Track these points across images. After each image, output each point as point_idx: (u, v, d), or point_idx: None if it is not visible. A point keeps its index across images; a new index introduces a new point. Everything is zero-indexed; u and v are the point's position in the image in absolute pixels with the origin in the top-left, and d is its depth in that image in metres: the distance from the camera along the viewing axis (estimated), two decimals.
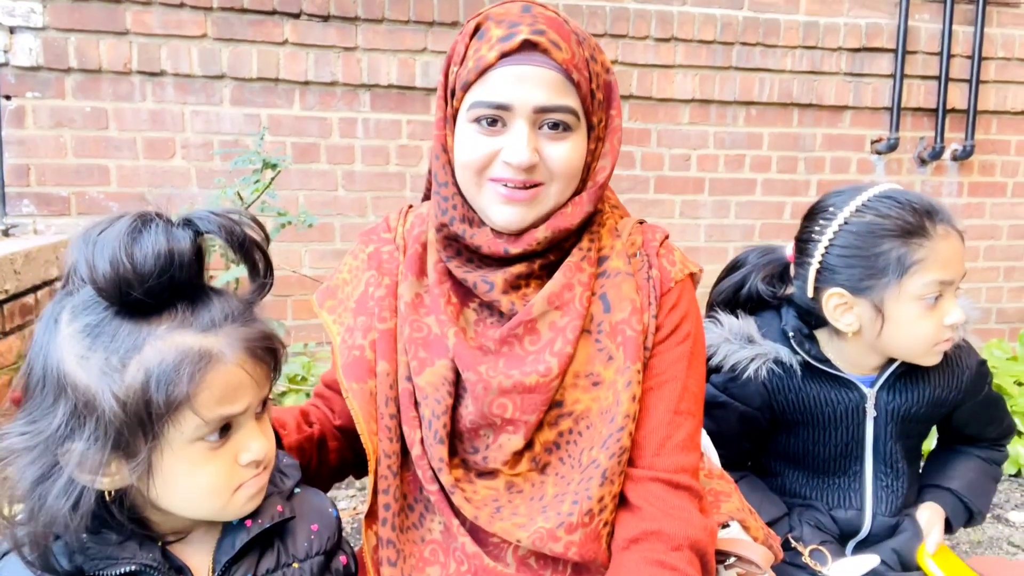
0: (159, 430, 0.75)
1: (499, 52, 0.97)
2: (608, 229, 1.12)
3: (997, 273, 3.94)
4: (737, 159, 3.60)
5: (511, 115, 0.98)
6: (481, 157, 1.00)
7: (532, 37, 0.97)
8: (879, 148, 3.70)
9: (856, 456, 1.40)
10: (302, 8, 3.04)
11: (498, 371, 1.02)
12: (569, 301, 1.03)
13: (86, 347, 0.75)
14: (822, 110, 3.64)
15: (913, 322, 1.29)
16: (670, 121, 3.50)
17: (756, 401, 1.38)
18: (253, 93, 3.09)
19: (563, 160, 1.00)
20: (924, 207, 1.29)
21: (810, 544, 1.35)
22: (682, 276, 1.10)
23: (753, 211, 3.66)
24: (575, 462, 1.03)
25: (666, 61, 3.41)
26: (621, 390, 1.01)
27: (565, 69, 0.98)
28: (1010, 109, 3.79)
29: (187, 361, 0.75)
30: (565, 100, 0.99)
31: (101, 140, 2.99)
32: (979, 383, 1.42)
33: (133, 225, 0.75)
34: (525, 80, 0.97)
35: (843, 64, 3.58)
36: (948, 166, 3.80)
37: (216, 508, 0.83)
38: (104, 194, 3.02)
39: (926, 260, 1.26)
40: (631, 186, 3.49)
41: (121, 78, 2.97)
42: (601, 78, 1.05)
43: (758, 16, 3.47)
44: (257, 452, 0.82)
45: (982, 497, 1.48)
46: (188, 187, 3.08)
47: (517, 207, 1.01)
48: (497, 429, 1.03)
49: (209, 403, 0.77)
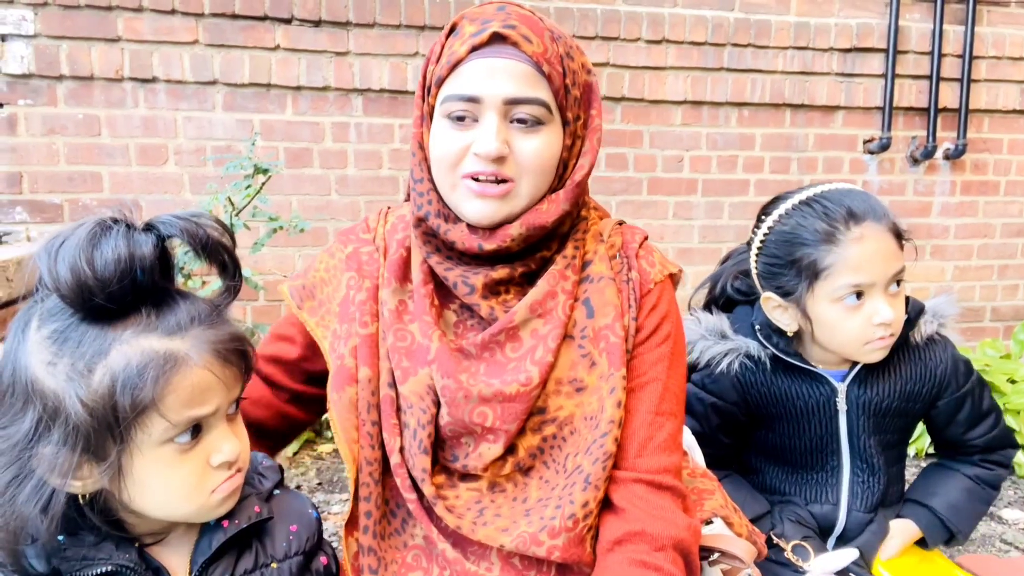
0: (127, 434, 0.76)
1: (470, 46, 0.99)
2: (593, 235, 1.12)
3: (991, 271, 3.95)
4: (730, 160, 3.61)
5: (481, 108, 0.99)
6: (453, 152, 1.01)
7: (502, 30, 0.98)
8: (871, 148, 3.71)
9: (832, 451, 1.41)
10: (293, 13, 3.05)
11: (478, 379, 1.02)
12: (551, 309, 1.04)
13: (53, 353, 0.76)
14: (814, 110, 3.65)
15: (838, 323, 1.31)
16: (662, 123, 3.51)
17: (731, 396, 1.40)
18: (245, 99, 3.10)
19: (534, 154, 1.00)
20: (842, 212, 1.29)
21: (792, 540, 1.35)
22: (661, 277, 1.11)
23: (747, 212, 3.66)
24: (559, 467, 1.03)
25: (658, 63, 3.41)
26: (606, 396, 1.01)
27: (536, 61, 0.99)
28: (1001, 108, 3.80)
29: (152, 365, 0.75)
30: (536, 92, 0.99)
31: (93, 147, 3.00)
32: (955, 378, 1.42)
33: (93, 232, 0.76)
34: (495, 72, 0.98)
35: (834, 64, 3.59)
36: (940, 165, 3.80)
37: (190, 510, 0.83)
38: (97, 201, 3.03)
39: (835, 265, 1.28)
40: (624, 188, 3.49)
41: (113, 85, 2.98)
42: (579, 76, 1.05)
43: (749, 17, 3.48)
44: (229, 453, 0.83)
45: (964, 518, 1.46)
46: (181, 193, 3.09)
47: (488, 201, 1.00)
48: (478, 437, 1.03)
49: (176, 406, 0.77)
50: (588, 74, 1.08)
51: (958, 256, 3.89)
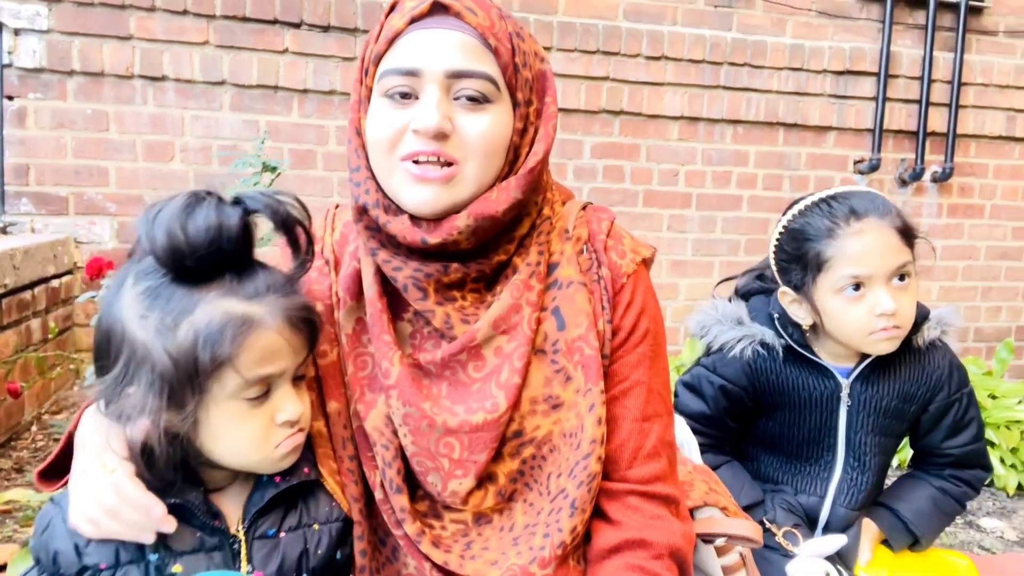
0: (205, 385, 0.84)
1: (408, 18, 0.91)
2: (558, 232, 1.03)
3: (975, 293, 4.04)
4: (724, 175, 3.69)
5: (421, 82, 0.91)
6: (391, 132, 0.92)
7: (444, 0, 0.91)
8: (861, 168, 3.81)
9: (829, 445, 1.47)
10: (303, 18, 3.11)
11: (442, 406, 0.96)
12: (516, 324, 0.96)
13: (145, 307, 0.85)
14: (807, 130, 3.74)
15: (841, 314, 1.39)
16: (659, 137, 3.59)
17: (741, 380, 1.46)
18: (252, 100, 3.16)
19: (481, 133, 0.91)
20: (845, 209, 1.39)
21: (783, 526, 1.41)
22: (633, 268, 1.03)
23: (739, 226, 3.75)
24: (543, 488, 0.99)
25: (656, 79, 3.50)
26: (585, 413, 0.97)
27: (481, 33, 0.91)
28: (988, 133, 3.91)
29: (231, 324, 0.83)
30: (481, 66, 0.91)
31: (101, 142, 3.04)
32: (950, 384, 1.49)
33: (188, 201, 0.84)
34: (436, 43, 0.90)
35: (827, 86, 3.69)
36: (928, 187, 3.91)
37: (256, 460, 0.91)
38: (103, 195, 3.07)
39: (835, 257, 1.37)
40: (620, 199, 3.57)
41: (123, 82, 3.03)
42: (530, 60, 0.97)
43: (746, 38, 3.57)
44: (291, 413, 0.90)
45: (927, 524, 1.51)
46: (186, 189, 3.13)
47: (430, 186, 0.91)
48: (445, 474, 0.97)
49: (248, 363, 0.85)
50: (541, 62, 1.00)
51: (943, 277, 3.99)
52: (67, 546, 0.85)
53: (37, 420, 2.62)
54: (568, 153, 3.49)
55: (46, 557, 0.87)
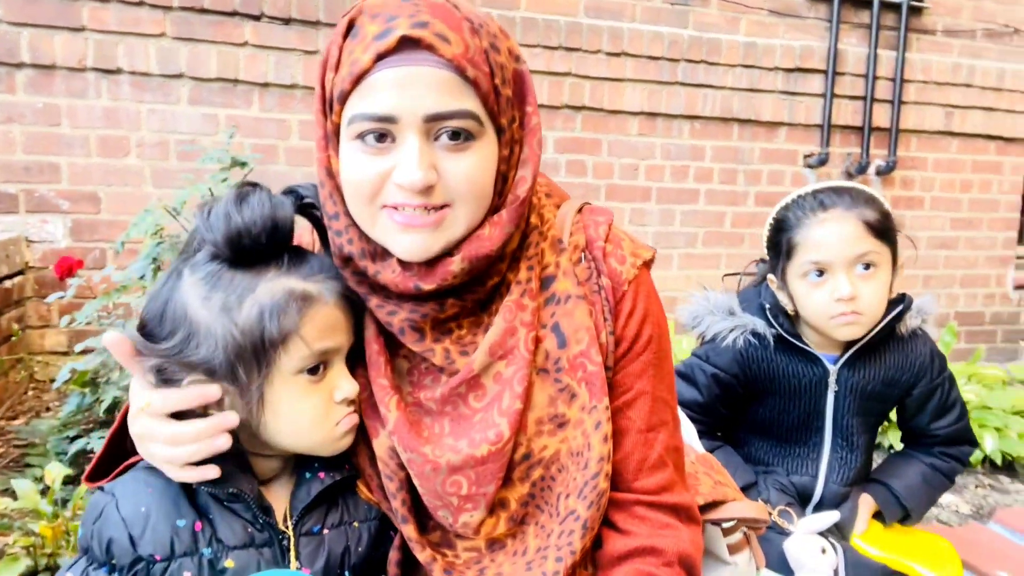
0: (271, 357, 0.86)
1: (375, 53, 0.82)
2: (551, 243, 0.98)
3: (916, 281, 4.23)
4: (682, 170, 3.78)
5: (398, 127, 0.83)
6: (370, 181, 0.85)
7: (412, 32, 0.81)
8: (811, 162, 3.94)
9: (816, 428, 1.54)
10: (263, 10, 3.06)
11: (444, 447, 0.93)
12: (513, 348, 0.93)
13: (208, 290, 0.88)
14: (759, 125, 3.86)
15: (806, 298, 1.49)
16: (620, 132, 3.65)
17: (733, 368, 1.52)
18: (211, 93, 3.09)
19: (467, 176, 0.86)
20: (815, 201, 1.49)
21: (777, 506, 1.47)
22: (634, 273, 0.99)
23: (696, 219, 3.84)
24: (553, 510, 0.97)
25: (617, 74, 3.56)
26: (591, 432, 0.94)
27: (457, 66, 0.83)
28: (928, 128, 4.10)
29: (294, 298, 0.87)
30: (461, 103, 0.84)
31: (53, 137, 2.94)
32: (931, 369, 1.57)
33: (238, 193, 0.88)
34: (409, 84, 0.82)
35: (779, 83, 3.81)
36: (872, 180, 4.07)
37: (316, 440, 0.92)
38: (55, 192, 2.96)
39: (799, 244, 1.48)
40: (583, 193, 3.61)
41: (75, 74, 2.92)
42: (508, 70, 0.89)
43: (702, 35, 3.66)
44: (348, 391, 0.92)
45: (918, 499, 1.61)
46: (143, 186, 3.05)
47: (419, 233, 0.86)
48: (455, 510, 0.94)
49: (312, 335, 0.88)
50: (517, 62, 0.92)
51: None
52: (121, 534, 0.85)
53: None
54: None
55: (99, 546, 0.86)
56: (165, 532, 0.86)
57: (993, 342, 4.46)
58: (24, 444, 2.37)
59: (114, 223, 3.01)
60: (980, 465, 2.81)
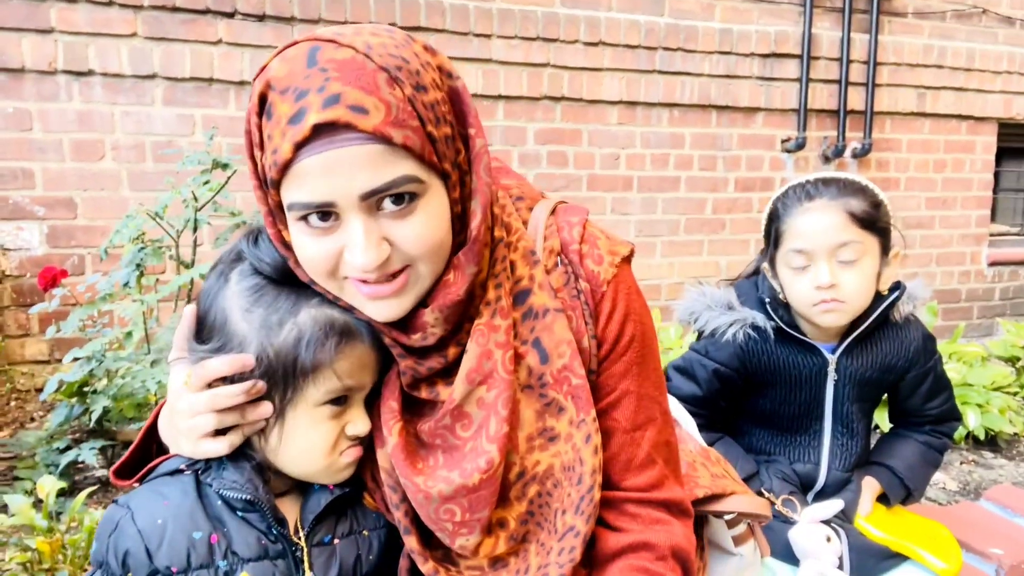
0: (300, 384, 0.88)
1: (292, 143, 0.77)
2: (522, 254, 0.96)
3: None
4: (662, 158, 3.79)
5: (337, 209, 0.81)
6: (324, 262, 0.84)
7: (325, 116, 0.76)
8: (788, 147, 3.98)
9: (816, 416, 1.56)
10: (237, 7, 3.01)
11: (437, 477, 0.93)
12: (491, 371, 0.92)
13: (251, 302, 0.89)
14: (737, 111, 3.88)
15: (790, 285, 1.52)
16: (599, 122, 3.65)
17: (733, 363, 1.53)
18: (186, 93, 3.04)
19: (418, 239, 0.83)
20: (803, 192, 1.51)
21: (780, 495, 1.49)
22: (612, 273, 0.98)
23: (678, 207, 3.86)
24: (552, 527, 0.98)
25: (595, 64, 3.56)
26: (581, 446, 0.95)
27: (382, 136, 0.77)
28: (901, 110, 4.15)
29: (334, 331, 0.87)
30: (395, 171, 0.79)
31: (24, 142, 2.87)
32: (924, 354, 1.60)
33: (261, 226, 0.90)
34: (335, 168, 0.77)
35: (755, 69, 3.84)
36: (849, 163, 4.12)
37: (321, 467, 0.93)
38: (29, 198, 2.90)
39: (784, 233, 1.51)
40: (565, 184, 3.62)
41: (46, 77, 2.86)
42: (441, 103, 0.84)
43: (678, 23, 3.67)
44: (361, 429, 0.93)
45: (919, 477, 1.65)
46: (119, 190, 3.00)
47: (387, 301, 0.86)
48: (450, 534, 0.95)
49: (344, 371, 0.89)
50: (450, 78, 0.87)
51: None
52: (138, 547, 0.85)
53: None
54: (512, 140, 3.51)
55: (115, 559, 0.86)
56: (182, 544, 0.86)
57: (970, 318, 4.54)
58: (11, 457, 2.33)
59: (91, 228, 2.96)
60: (964, 441, 2.87)
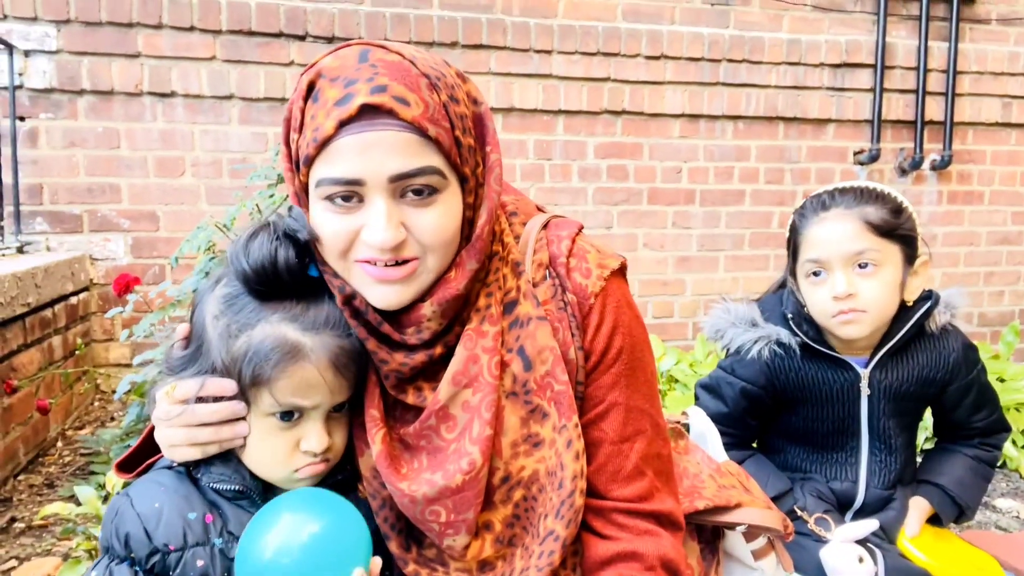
0: (250, 394, 0.93)
1: (336, 120, 0.84)
2: (512, 267, 1.00)
3: (977, 278, 4.09)
4: (726, 171, 3.74)
5: (364, 189, 0.87)
6: (340, 239, 0.89)
7: (371, 99, 0.84)
8: (861, 159, 3.85)
9: (852, 432, 1.52)
10: (307, 30, 3.15)
11: (420, 480, 0.95)
12: (477, 375, 0.95)
13: (220, 311, 0.95)
14: (806, 123, 3.79)
15: (809, 296, 1.50)
16: (661, 135, 3.63)
17: (760, 380, 1.50)
18: (260, 112, 3.20)
19: (434, 229, 0.89)
20: (819, 201, 1.49)
21: (814, 513, 1.45)
22: (600, 286, 1.00)
23: (742, 221, 3.79)
24: (535, 531, 0.99)
25: (657, 78, 3.55)
26: (563, 451, 0.96)
27: (418, 127, 0.85)
28: (984, 120, 3.96)
29: (280, 349, 0.90)
30: (424, 161, 0.87)
31: (112, 159, 3.08)
32: (965, 364, 1.53)
33: (250, 233, 0.93)
34: (372, 148, 0.85)
35: (825, 79, 3.74)
36: (928, 176, 3.95)
37: (275, 477, 0.98)
38: (116, 211, 3.11)
39: (801, 244, 1.50)
40: (625, 198, 3.61)
41: (132, 99, 3.07)
42: (468, 118, 0.92)
43: (743, 34, 3.62)
44: (315, 446, 0.95)
45: (971, 493, 1.58)
46: (198, 204, 3.18)
47: (392, 286, 0.91)
48: (438, 534, 0.98)
49: (285, 390, 0.92)
50: (476, 104, 0.95)
51: (946, 263, 4.04)
52: (138, 529, 0.91)
53: (62, 436, 2.66)
54: (572, 154, 3.54)
55: (118, 542, 0.92)
56: (177, 524, 0.92)
57: None
58: (90, 452, 2.50)
59: (172, 240, 3.14)
60: None
